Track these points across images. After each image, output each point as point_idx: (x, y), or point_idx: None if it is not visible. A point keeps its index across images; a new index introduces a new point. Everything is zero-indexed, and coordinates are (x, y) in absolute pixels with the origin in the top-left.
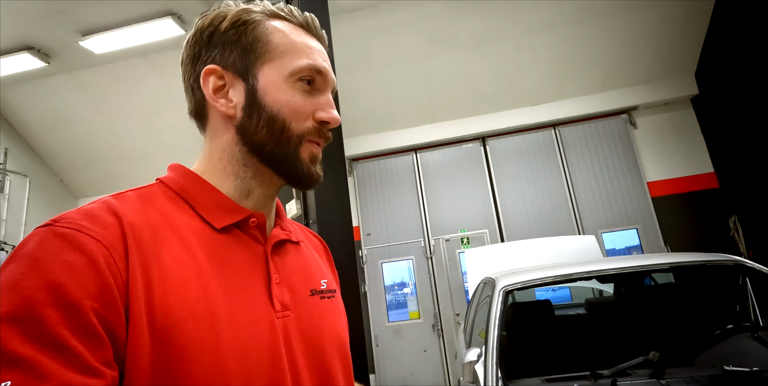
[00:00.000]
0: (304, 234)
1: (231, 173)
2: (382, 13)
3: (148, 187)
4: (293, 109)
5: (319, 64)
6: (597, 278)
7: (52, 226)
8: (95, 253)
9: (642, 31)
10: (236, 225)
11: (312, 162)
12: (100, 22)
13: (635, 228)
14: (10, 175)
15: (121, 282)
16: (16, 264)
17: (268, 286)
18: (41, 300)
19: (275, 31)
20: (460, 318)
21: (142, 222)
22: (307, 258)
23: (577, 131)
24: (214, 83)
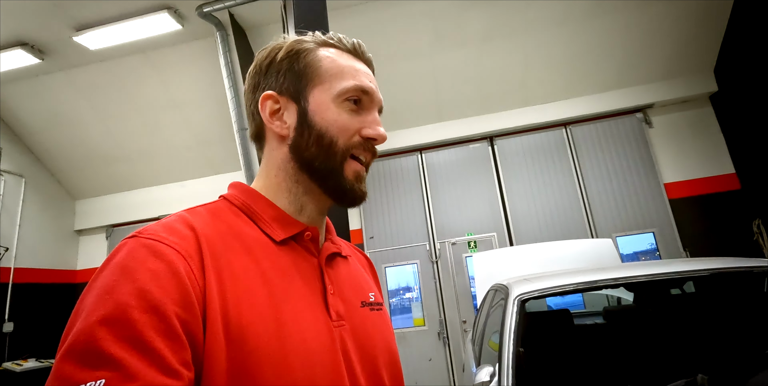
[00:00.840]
0: (351, 249)
1: (285, 189)
2: (386, 8)
3: (214, 202)
4: (340, 126)
5: (365, 85)
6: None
7: (138, 238)
8: (175, 262)
9: (658, 26)
10: (293, 238)
11: (356, 179)
12: (95, 16)
13: (652, 232)
14: (4, 175)
15: (198, 288)
16: (109, 272)
17: (324, 297)
18: (131, 304)
19: (324, 57)
20: (467, 326)
21: (213, 233)
22: (356, 272)
23: (589, 130)
24: (270, 107)
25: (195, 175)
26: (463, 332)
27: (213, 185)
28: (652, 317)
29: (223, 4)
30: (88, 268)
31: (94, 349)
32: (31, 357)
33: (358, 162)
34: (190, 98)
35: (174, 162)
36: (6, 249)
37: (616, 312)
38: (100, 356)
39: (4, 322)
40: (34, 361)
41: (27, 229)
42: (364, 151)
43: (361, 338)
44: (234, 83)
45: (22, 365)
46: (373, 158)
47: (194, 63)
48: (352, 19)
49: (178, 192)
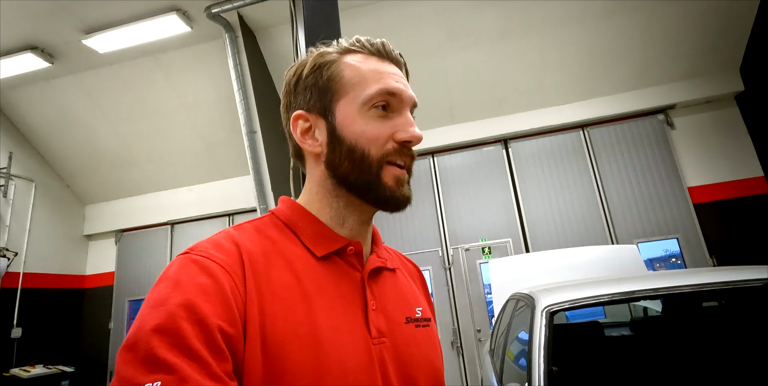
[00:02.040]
0: (400, 260)
1: (326, 204)
2: (397, 7)
3: (262, 218)
4: (370, 137)
5: (390, 86)
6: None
7: (189, 254)
8: (221, 278)
9: (681, 23)
10: (335, 253)
11: (397, 184)
12: (104, 19)
13: (676, 238)
14: (14, 179)
15: (241, 302)
16: (164, 285)
17: (365, 313)
18: (181, 315)
19: (347, 66)
20: (481, 335)
21: (257, 249)
22: (402, 286)
23: (608, 132)
24: (301, 126)
25: (203, 180)
26: (478, 341)
27: (221, 189)
28: (683, 329)
29: (232, 4)
30: (97, 273)
31: (150, 355)
32: (39, 363)
33: (397, 166)
34: (198, 101)
35: (182, 166)
36: (15, 253)
37: (645, 323)
38: (156, 361)
39: (12, 328)
40: (41, 367)
41: (36, 234)
42: (402, 156)
43: (402, 356)
44: (243, 85)
45: (29, 371)
46: (412, 161)
47: (203, 65)
48: (363, 19)
49: (186, 196)
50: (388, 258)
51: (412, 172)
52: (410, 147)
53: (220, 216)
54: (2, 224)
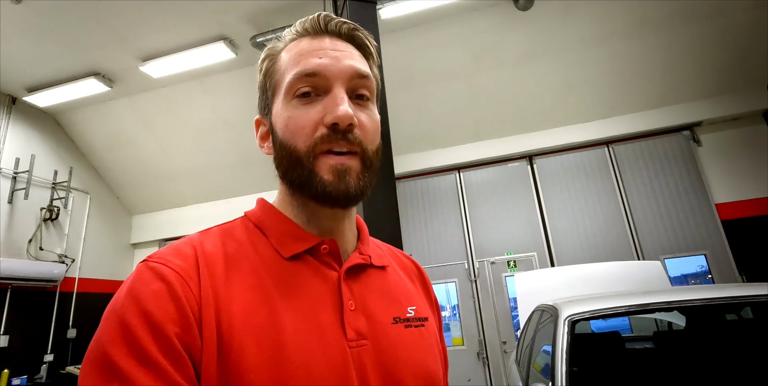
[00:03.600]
0: (395, 257)
1: (288, 203)
2: (426, 32)
3: (233, 221)
4: (293, 128)
5: (308, 67)
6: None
7: (147, 262)
8: (174, 283)
9: (705, 41)
10: (308, 252)
11: (335, 176)
12: (159, 47)
13: (703, 254)
14: (73, 192)
15: (196, 306)
16: (119, 294)
17: (341, 313)
18: (137, 324)
19: (281, 58)
20: (507, 347)
21: (216, 252)
22: (392, 284)
23: (633, 149)
24: (261, 132)
25: (240, 193)
26: (503, 353)
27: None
28: (706, 342)
29: (275, 34)
30: None
31: (107, 365)
32: None
33: (336, 155)
34: (238, 120)
35: (221, 180)
36: (72, 260)
37: (668, 336)
38: (113, 370)
39: (68, 328)
40: None
41: (90, 242)
42: (335, 142)
43: (386, 359)
44: None
45: None
46: (354, 145)
47: (243, 87)
48: (393, 44)
49: (223, 208)
50: (376, 254)
51: (370, 157)
52: (341, 130)
53: None
54: (62, 233)
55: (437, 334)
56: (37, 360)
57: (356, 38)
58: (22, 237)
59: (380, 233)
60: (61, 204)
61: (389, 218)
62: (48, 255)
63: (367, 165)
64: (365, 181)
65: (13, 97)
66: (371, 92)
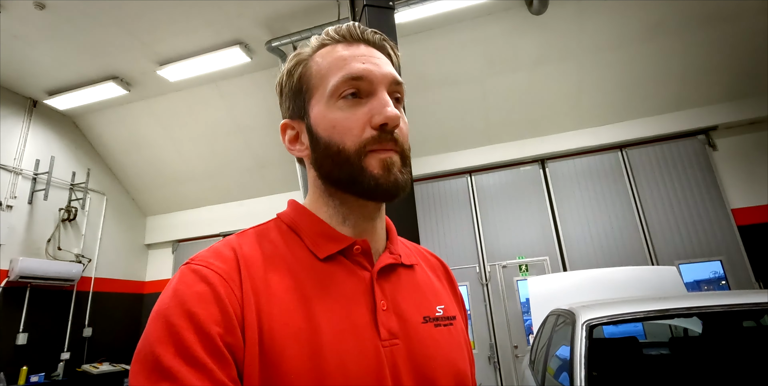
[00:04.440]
0: (421, 255)
1: (324, 204)
2: (439, 36)
3: (266, 222)
4: (341, 129)
5: (353, 71)
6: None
7: (189, 264)
8: (217, 285)
9: (721, 45)
10: (341, 253)
11: (384, 169)
12: (176, 52)
13: (719, 260)
14: (90, 193)
15: (238, 308)
16: (165, 296)
17: (374, 313)
18: (182, 325)
19: (314, 63)
20: (518, 351)
21: (255, 254)
22: (421, 283)
23: (647, 153)
24: (289, 135)
25: (253, 195)
26: (515, 357)
27: (269, 204)
28: (723, 349)
29: (290, 39)
30: (155, 280)
31: (156, 365)
32: (106, 361)
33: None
34: (252, 123)
35: (235, 182)
36: (89, 260)
37: (684, 342)
38: (161, 370)
39: (84, 327)
40: (108, 365)
41: (106, 242)
42: (383, 142)
43: (418, 358)
44: None
45: (98, 368)
46: (398, 144)
47: (258, 91)
48: (406, 48)
49: (237, 210)
50: (405, 253)
51: (408, 155)
52: (389, 129)
53: None
54: (79, 233)
55: (465, 333)
56: (55, 358)
57: (386, 48)
58: (41, 237)
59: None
60: (79, 205)
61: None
62: (66, 255)
63: (406, 162)
64: (407, 175)
65: (34, 100)
66: (403, 97)
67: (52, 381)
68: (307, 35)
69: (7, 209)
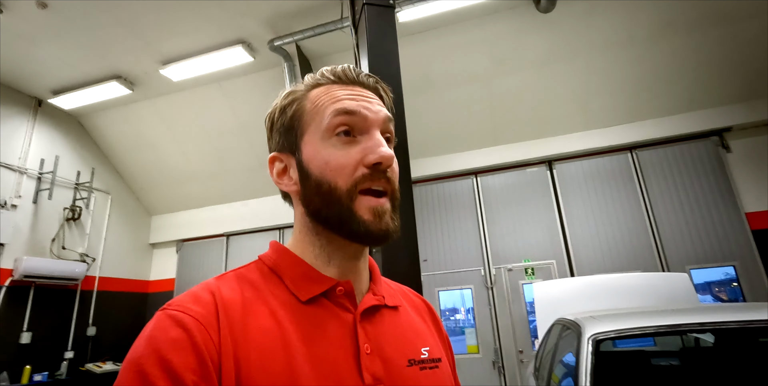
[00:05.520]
0: (405, 296)
1: (309, 243)
2: (444, 35)
3: (248, 265)
4: (334, 167)
5: (346, 106)
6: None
7: (166, 310)
8: (193, 331)
9: (735, 43)
10: (324, 295)
11: (374, 216)
12: (179, 51)
13: (732, 266)
14: (95, 192)
15: (215, 354)
16: (139, 343)
17: (357, 357)
18: (156, 374)
19: (309, 101)
20: (523, 356)
21: (234, 297)
22: (405, 325)
23: (658, 155)
24: (277, 168)
25: (256, 195)
26: (520, 362)
27: (273, 204)
28: (736, 362)
29: (293, 37)
30: (159, 279)
31: None
32: (110, 360)
33: (374, 195)
34: (256, 123)
35: (239, 182)
36: (93, 259)
37: (696, 353)
38: None
39: (88, 326)
40: (111, 364)
41: (110, 242)
42: (376, 180)
43: None
44: None
45: (101, 367)
46: (391, 184)
47: (261, 91)
48: (411, 47)
49: (240, 210)
50: (389, 294)
51: (397, 197)
52: (383, 169)
53: (271, 229)
54: (84, 232)
55: (451, 376)
56: (58, 357)
57: (378, 90)
58: (46, 236)
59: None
60: (83, 204)
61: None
62: (70, 254)
63: (395, 205)
64: (397, 221)
65: (39, 100)
66: (393, 137)
67: (56, 380)
68: (310, 34)
69: (12, 208)
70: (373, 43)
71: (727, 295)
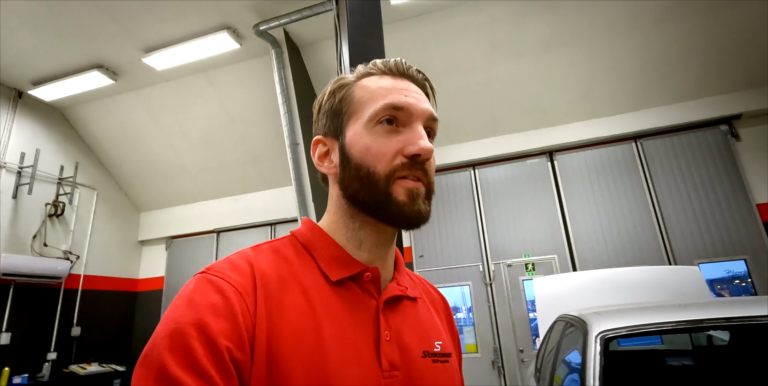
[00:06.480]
0: (425, 289)
1: (342, 225)
2: (440, 20)
3: (281, 239)
4: (375, 153)
5: (395, 101)
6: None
7: (205, 273)
8: (233, 299)
9: (745, 27)
10: (351, 278)
11: (410, 198)
12: (162, 38)
13: (743, 259)
14: (79, 187)
15: (251, 324)
16: (178, 302)
17: (377, 343)
18: (192, 334)
19: (358, 88)
20: (524, 355)
21: (271, 271)
22: (423, 317)
23: (664, 144)
24: (319, 151)
25: (248, 190)
26: (520, 362)
27: (265, 199)
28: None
29: (279, 21)
30: (148, 278)
31: (162, 372)
32: (95, 361)
33: (411, 179)
34: (245, 115)
35: (229, 177)
36: (77, 257)
37: (710, 352)
38: (167, 378)
39: (72, 326)
40: (97, 365)
41: (96, 239)
42: (412, 170)
43: None
44: (287, 99)
45: (86, 369)
46: (427, 175)
47: (250, 81)
48: (405, 32)
49: (232, 206)
50: (410, 285)
51: (433, 188)
52: (421, 161)
53: (263, 225)
54: (68, 229)
55: (458, 372)
56: (40, 359)
57: (426, 87)
58: (26, 232)
59: None
60: (67, 199)
61: None
62: (52, 252)
63: (430, 195)
64: (429, 207)
65: (20, 91)
66: (435, 133)
67: (37, 383)
68: (297, 17)
69: None
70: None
71: (730, 294)
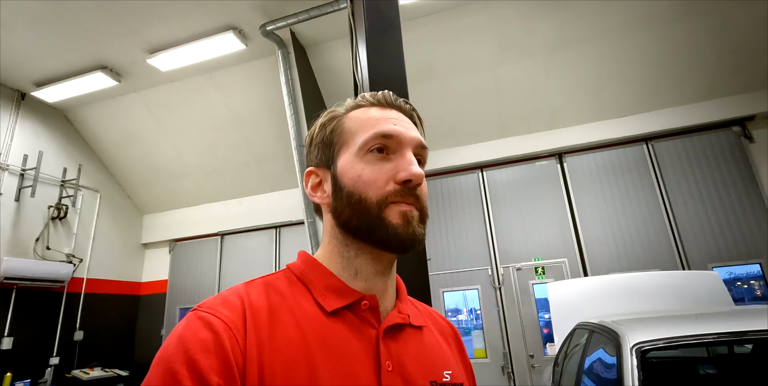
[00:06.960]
0: (430, 317)
1: (337, 254)
2: (448, 20)
3: (276, 273)
4: (366, 180)
5: (385, 130)
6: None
7: (197, 311)
8: (222, 334)
9: (759, 28)
10: (348, 308)
11: (405, 221)
12: (166, 39)
13: (758, 263)
14: (82, 190)
15: (241, 359)
16: (170, 342)
17: (378, 374)
18: (183, 373)
19: (349, 120)
20: (534, 361)
21: (262, 304)
22: (429, 345)
23: (675, 146)
24: (312, 181)
25: (253, 192)
26: (531, 367)
27: (269, 202)
28: None
29: (286, 21)
30: (152, 281)
31: None
32: (98, 366)
33: (405, 203)
34: (250, 116)
35: (233, 179)
36: (80, 260)
37: (733, 361)
38: None
39: (75, 330)
40: (99, 370)
41: (99, 241)
42: (404, 196)
43: None
44: (293, 100)
45: (88, 373)
46: (419, 201)
47: (255, 81)
48: (412, 32)
49: (236, 208)
50: (414, 314)
51: (426, 212)
52: (413, 186)
53: (267, 228)
54: (70, 232)
55: None
56: (42, 363)
57: (414, 117)
58: (29, 236)
59: None
60: (70, 202)
61: None
62: (55, 255)
63: (423, 219)
64: (424, 230)
65: (22, 93)
66: (425, 161)
67: None
68: (305, 17)
69: None
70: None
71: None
